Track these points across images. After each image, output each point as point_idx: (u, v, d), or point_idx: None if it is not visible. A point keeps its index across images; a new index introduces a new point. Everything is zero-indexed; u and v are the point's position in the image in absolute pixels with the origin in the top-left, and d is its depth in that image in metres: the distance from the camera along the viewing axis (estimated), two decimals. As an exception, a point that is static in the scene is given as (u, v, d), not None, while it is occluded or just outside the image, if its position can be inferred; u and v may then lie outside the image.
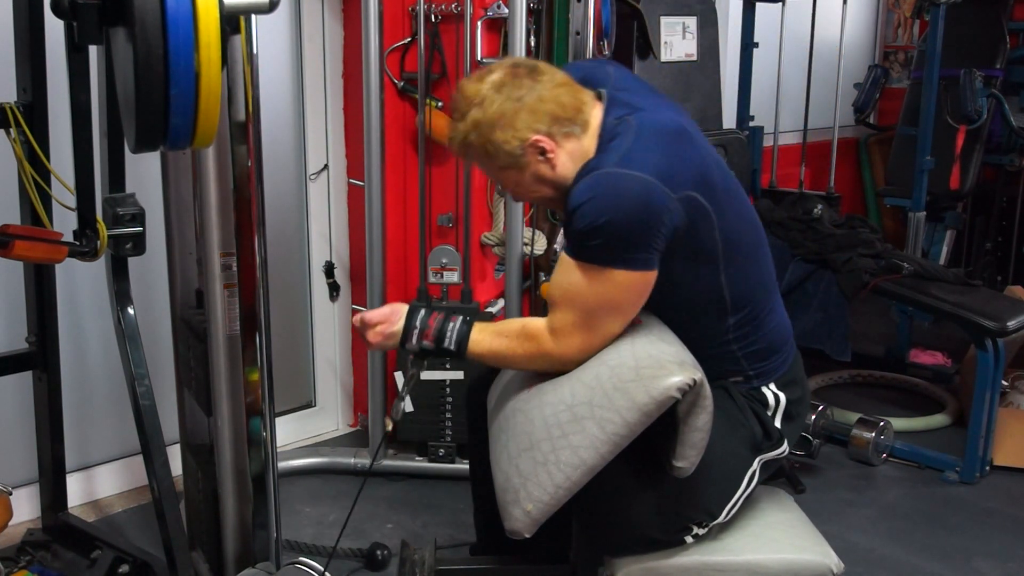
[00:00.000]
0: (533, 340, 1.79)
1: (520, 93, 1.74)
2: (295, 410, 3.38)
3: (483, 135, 1.75)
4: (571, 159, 1.78)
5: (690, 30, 3.38)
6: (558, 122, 1.76)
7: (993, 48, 4.30)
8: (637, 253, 1.69)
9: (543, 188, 1.82)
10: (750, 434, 1.86)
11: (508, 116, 1.74)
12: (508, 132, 1.74)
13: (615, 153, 1.71)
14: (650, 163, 1.68)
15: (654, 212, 1.66)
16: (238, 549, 2.10)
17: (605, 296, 1.72)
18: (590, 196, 1.67)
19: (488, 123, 1.74)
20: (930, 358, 3.89)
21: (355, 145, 3.16)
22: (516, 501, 1.72)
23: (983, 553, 2.70)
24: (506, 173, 1.81)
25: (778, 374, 1.91)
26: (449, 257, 2.94)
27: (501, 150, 1.76)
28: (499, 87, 1.75)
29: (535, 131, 1.75)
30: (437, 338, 1.85)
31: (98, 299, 2.72)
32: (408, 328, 1.87)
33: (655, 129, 1.76)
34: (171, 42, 1.40)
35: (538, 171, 1.79)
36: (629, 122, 1.76)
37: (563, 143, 1.77)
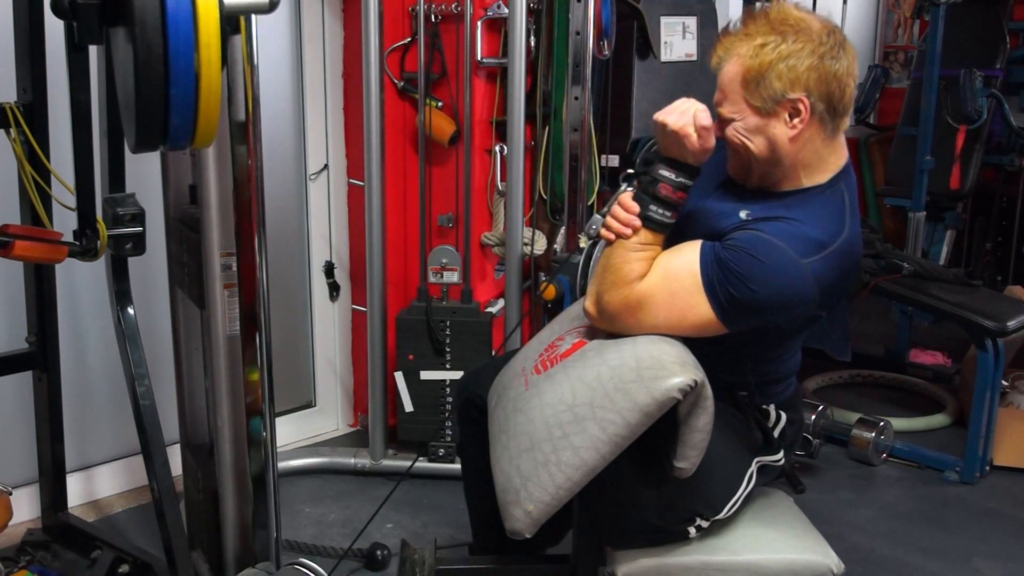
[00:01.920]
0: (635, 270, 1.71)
1: (826, 53, 1.64)
2: (295, 410, 3.38)
3: (764, 60, 1.64)
4: (805, 146, 1.70)
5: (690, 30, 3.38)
6: (828, 104, 1.68)
7: (993, 48, 4.30)
8: (740, 320, 1.68)
9: (759, 142, 1.70)
10: (750, 436, 1.86)
11: (801, 64, 1.64)
12: (788, 75, 1.64)
13: (817, 250, 1.65)
14: (827, 280, 1.65)
15: (790, 313, 1.68)
16: (238, 549, 2.11)
17: (682, 315, 1.69)
18: (765, 260, 1.62)
19: (780, 54, 1.64)
20: (930, 358, 3.89)
21: (355, 145, 3.16)
22: (517, 501, 1.71)
23: (983, 553, 2.70)
24: (747, 107, 1.68)
25: (781, 398, 1.92)
26: (449, 257, 2.94)
27: (767, 84, 1.65)
28: (814, 33, 1.65)
29: (808, 93, 1.65)
30: (656, 196, 1.71)
31: (98, 299, 2.72)
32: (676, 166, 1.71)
33: (854, 251, 1.73)
34: (171, 42, 1.40)
35: (774, 128, 1.68)
36: (844, 221, 1.72)
37: (813, 124, 1.69)
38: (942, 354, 3.88)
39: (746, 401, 1.87)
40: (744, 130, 1.71)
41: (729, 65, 1.70)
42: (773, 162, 1.73)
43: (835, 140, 1.75)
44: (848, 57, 1.68)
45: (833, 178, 1.76)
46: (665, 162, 1.72)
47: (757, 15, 1.69)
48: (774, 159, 1.72)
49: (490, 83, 2.94)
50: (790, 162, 1.72)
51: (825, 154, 1.75)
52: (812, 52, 1.65)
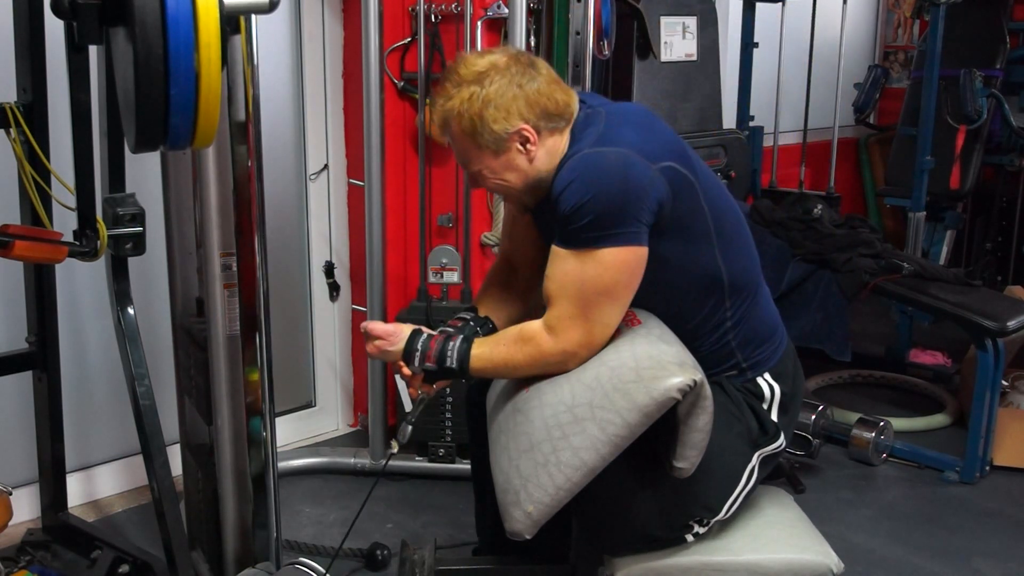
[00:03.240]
0: (531, 342, 1.79)
1: (522, 80, 1.76)
2: (295, 410, 3.38)
3: (475, 110, 1.74)
4: (548, 155, 1.80)
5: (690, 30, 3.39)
6: (548, 117, 1.78)
7: (993, 48, 4.30)
8: (625, 227, 1.69)
9: (511, 177, 1.82)
10: (747, 429, 1.86)
11: (506, 99, 1.74)
12: (500, 114, 1.74)
13: (590, 137, 1.75)
14: (625, 138, 1.73)
15: (637, 183, 1.68)
16: (238, 549, 2.11)
17: (598, 279, 1.72)
18: (572, 177, 1.70)
19: (484, 100, 1.74)
20: (930, 358, 3.88)
21: (355, 145, 3.16)
22: (516, 502, 1.71)
23: (983, 553, 2.70)
24: (481, 154, 1.80)
25: (771, 364, 1.92)
26: (449, 257, 2.94)
27: (488, 129, 1.75)
28: (503, 70, 1.76)
29: (525, 120, 1.76)
30: (439, 359, 1.85)
31: (98, 299, 2.72)
32: (409, 351, 1.87)
33: (625, 112, 1.85)
34: (171, 42, 1.40)
35: (513, 160, 1.79)
36: (599, 111, 1.82)
37: (545, 138, 1.79)
38: (942, 354, 3.88)
39: (736, 383, 1.87)
40: (490, 175, 1.83)
41: (452, 129, 1.80)
42: (533, 183, 1.82)
43: (569, 123, 1.82)
44: (542, 72, 1.79)
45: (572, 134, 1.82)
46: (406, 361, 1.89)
47: (449, 76, 1.80)
48: (532, 180, 1.82)
49: (490, 83, 2.94)
50: (545, 171, 1.81)
51: (564, 138, 1.82)
52: (510, 83, 1.75)
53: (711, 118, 3.52)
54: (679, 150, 1.80)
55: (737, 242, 1.88)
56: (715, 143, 3.53)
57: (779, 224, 3.50)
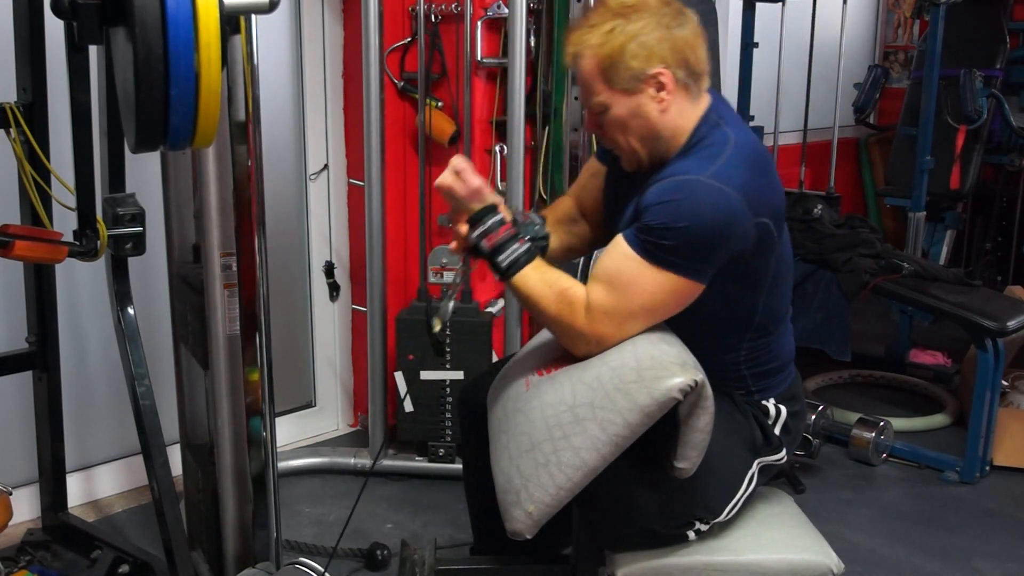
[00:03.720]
0: (569, 306, 1.73)
1: (671, 23, 1.69)
2: (295, 410, 3.38)
3: (615, 44, 1.67)
4: (678, 114, 1.73)
5: (690, 30, 3.38)
6: (688, 69, 1.71)
7: (993, 48, 4.30)
8: (699, 264, 1.68)
9: (635, 124, 1.73)
10: (750, 436, 1.86)
11: (652, 39, 1.67)
12: (643, 52, 1.67)
13: (709, 162, 1.68)
14: (740, 181, 1.66)
15: (730, 231, 1.66)
16: (238, 549, 2.11)
17: (649, 297, 1.70)
18: (674, 197, 1.64)
19: (628, 34, 1.67)
20: (930, 358, 3.89)
21: (355, 145, 3.16)
22: (517, 502, 1.71)
23: (983, 553, 2.70)
24: (614, 94, 1.71)
25: (779, 391, 1.92)
26: (449, 257, 2.93)
27: (625, 65, 1.68)
28: (653, 9, 1.69)
29: (666, 65, 1.69)
30: (495, 248, 1.77)
31: (98, 299, 2.72)
32: (477, 220, 1.78)
33: (750, 150, 1.75)
34: (171, 42, 1.40)
35: (644, 106, 1.71)
36: (727, 134, 1.74)
37: (679, 93, 1.72)
38: (942, 354, 3.88)
39: (744, 399, 1.87)
40: (619, 116, 1.74)
41: (584, 60, 1.73)
42: (653, 138, 1.76)
43: (699, 96, 1.78)
44: (691, 21, 1.74)
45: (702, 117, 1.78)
46: (469, 223, 1.79)
47: (596, 5, 1.74)
48: (653, 135, 1.75)
49: (490, 83, 2.94)
50: (668, 132, 1.75)
51: (693, 113, 1.77)
52: (657, 24, 1.69)
53: (711, 118, 3.52)
54: (779, 205, 1.77)
55: (781, 288, 1.87)
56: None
57: (779, 224, 3.49)
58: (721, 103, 1.84)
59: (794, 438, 1.96)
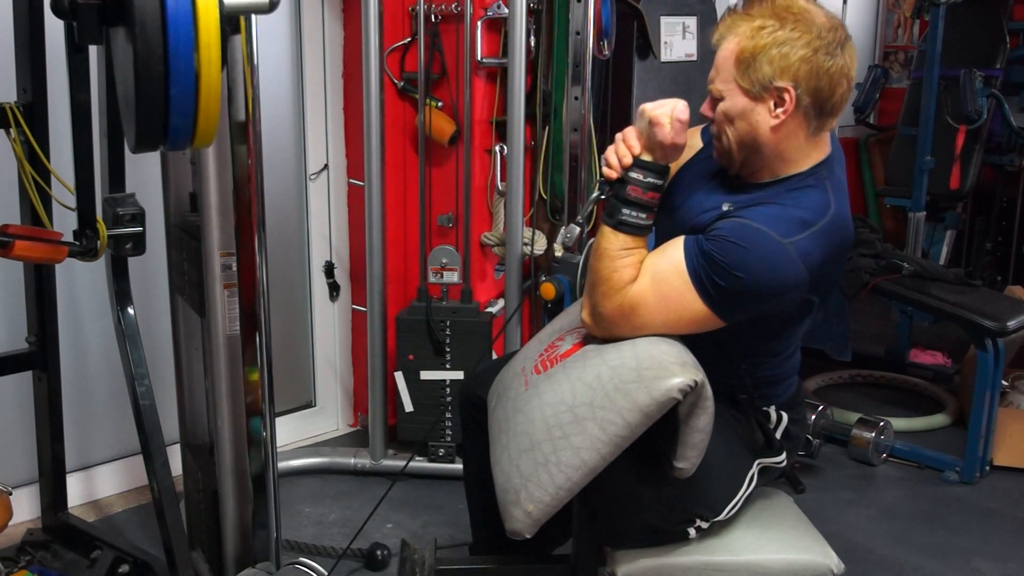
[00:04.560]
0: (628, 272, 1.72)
1: (823, 47, 1.63)
2: (295, 410, 3.38)
3: (761, 43, 1.64)
4: (787, 138, 1.70)
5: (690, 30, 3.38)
6: (815, 99, 1.66)
7: (993, 48, 4.30)
8: (734, 310, 1.68)
9: (741, 126, 1.70)
10: (751, 437, 1.87)
11: (795, 54, 1.63)
12: (780, 62, 1.63)
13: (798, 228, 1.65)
14: (814, 259, 1.65)
15: (783, 297, 1.67)
16: (238, 549, 2.10)
17: (678, 315, 1.70)
18: (747, 245, 1.62)
19: (776, 40, 1.63)
20: (930, 358, 3.89)
21: (355, 145, 3.16)
22: (517, 502, 1.71)
23: (983, 553, 2.70)
24: (736, 87, 1.68)
25: (781, 399, 1.93)
26: (449, 257, 2.93)
27: (758, 68, 1.64)
28: (814, 27, 1.64)
29: (796, 84, 1.64)
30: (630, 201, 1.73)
31: (98, 299, 2.72)
32: (644, 167, 1.72)
33: (841, 232, 1.73)
34: (171, 42, 1.40)
35: (758, 114, 1.68)
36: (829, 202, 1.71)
37: (797, 117, 1.68)
38: (942, 354, 3.88)
39: (746, 403, 1.88)
40: (730, 111, 1.71)
41: (727, 43, 1.70)
42: (753, 148, 1.72)
43: (818, 138, 1.75)
44: (846, 56, 1.67)
45: (815, 167, 1.75)
46: (635, 165, 1.74)
47: (764, 1, 1.69)
48: (754, 146, 1.72)
49: (490, 83, 2.94)
50: (770, 151, 1.72)
51: (807, 149, 1.74)
52: (808, 44, 1.64)
53: (711, 118, 3.52)
54: (832, 285, 1.78)
55: (795, 337, 1.89)
56: (715, 143, 3.52)
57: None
58: (837, 162, 1.81)
59: (795, 444, 1.97)
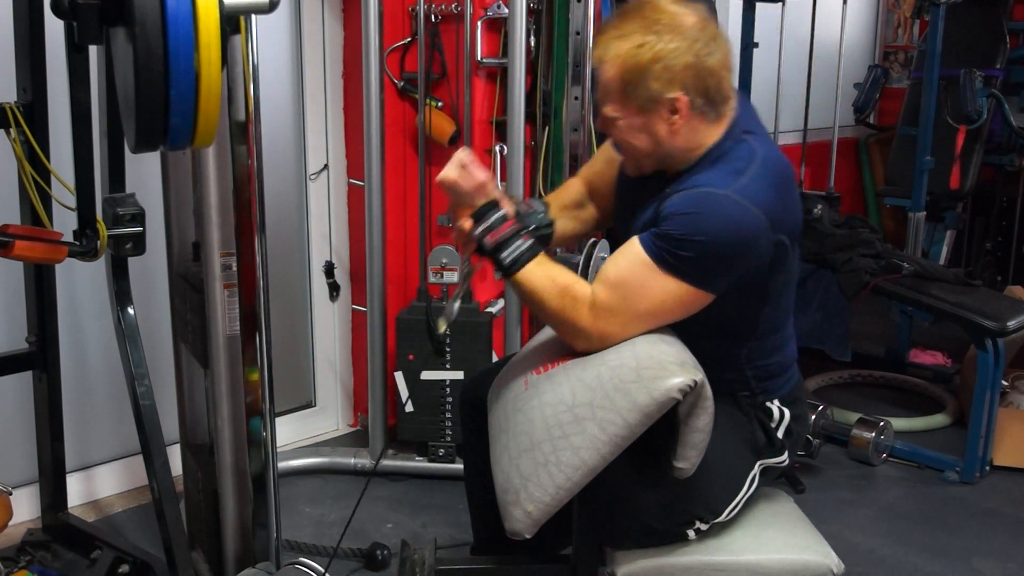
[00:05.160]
0: (573, 302, 1.73)
1: (702, 49, 1.66)
2: (295, 410, 3.38)
3: (642, 60, 1.65)
4: (688, 135, 1.73)
5: (690, 30, 3.38)
6: (708, 98, 1.70)
7: (993, 48, 4.30)
8: (711, 277, 1.68)
9: (645, 141, 1.74)
10: (752, 437, 1.87)
11: (677, 62, 1.65)
12: (664, 75, 1.66)
13: (734, 177, 1.67)
14: (764, 198, 1.66)
15: (749, 250, 1.66)
16: (238, 549, 2.11)
17: (660, 302, 1.70)
18: (696, 210, 1.64)
19: (655, 54, 1.65)
20: (930, 358, 3.89)
21: (355, 145, 3.16)
22: (517, 502, 1.71)
23: (983, 553, 2.70)
24: (627, 105, 1.71)
25: (782, 392, 1.92)
26: (449, 257, 2.93)
27: (644, 85, 1.67)
28: (687, 30, 1.66)
29: (685, 91, 1.68)
30: (499, 244, 1.76)
31: (98, 299, 2.72)
32: (481, 215, 1.77)
33: (775, 166, 1.74)
34: (171, 42, 1.40)
35: (655, 125, 1.71)
36: (753, 149, 1.74)
37: (694, 119, 1.71)
38: (942, 354, 3.88)
39: (748, 401, 1.88)
40: (624, 129, 1.75)
41: (608, 66, 1.71)
42: (659, 154, 1.76)
43: (720, 119, 1.76)
44: (722, 49, 1.71)
45: (725, 134, 1.76)
46: (474, 220, 1.78)
47: (631, 12, 1.70)
48: (660, 152, 1.76)
49: (490, 83, 2.94)
50: (677, 150, 1.75)
51: (712, 129, 1.76)
52: (687, 50, 1.66)
53: (711, 118, 3.52)
54: (797, 225, 1.78)
55: (785, 299, 1.87)
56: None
57: (779, 224, 3.49)
58: (748, 115, 1.82)
59: (796, 441, 1.96)
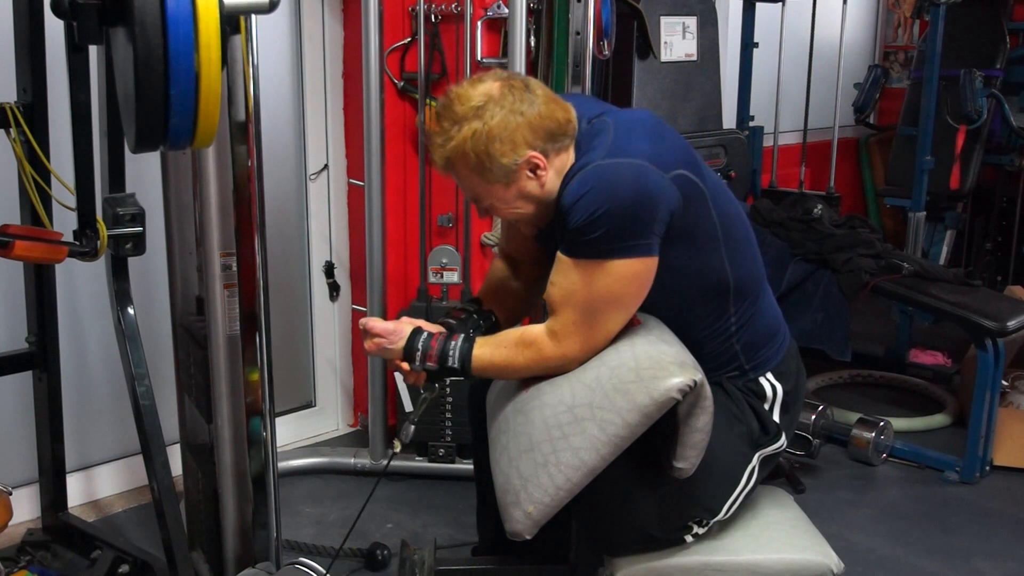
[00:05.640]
0: (532, 347, 1.78)
1: (522, 107, 1.70)
2: (295, 410, 3.38)
3: (480, 148, 1.69)
4: (557, 174, 1.76)
5: (690, 30, 3.39)
6: (552, 138, 1.73)
7: (993, 48, 4.30)
8: (638, 240, 1.68)
9: (525, 205, 1.78)
10: (748, 430, 1.86)
11: (510, 130, 1.69)
12: (507, 146, 1.69)
13: (600, 148, 1.70)
14: (637, 148, 1.69)
15: (651, 195, 1.66)
16: (238, 549, 2.11)
17: (607, 290, 1.71)
18: (585, 190, 1.66)
19: (488, 135, 1.68)
20: (930, 358, 3.88)
21: (355, 145, 3.16)
22: (516, 503, 1.72)
23: (983, 553, 2.70)
24: (491, 188, 1.75)
25: (773, 363, 1.91)
26: (449, 257, 2.94)
27: (496, 164, 1.70)
28: (500, 99, 1.70)
29: (532, 147, 1.71)
30: (440, 359, 1.83)
31: (98, 299, 2.72)
32: (410, 350, 1.85)
33: (633, 120, 1.80)
34: (171, 42, 1.40)
35: (525, 187, 1.75)
36: (605, 120, 1.78)
37: (553, 160, 1.75)
38: (942, 354, 3.88)
39: (739, 383, 1.87)
40: (504, 205, 1.79)
41: (456, 166, 1.75)
42: (547, 205, 1.79)
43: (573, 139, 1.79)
44: (538, 93, 1.73)
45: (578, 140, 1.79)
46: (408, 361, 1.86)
47: (445, 113, 1.73)
48: (545, 203, 1.78)
49: (490, 83, 2.94)
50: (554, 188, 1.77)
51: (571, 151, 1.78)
52: (511, 113, 1.69)
53: (711, 118, 3.52)
54: (689, 158, 1.78)
55: (743, 246, 1.87)
56: (715, 143, 3.53)
57: (779, 224, 3.50)
58: (588, 105, 1.86)
59: (793, 417, 1.96)
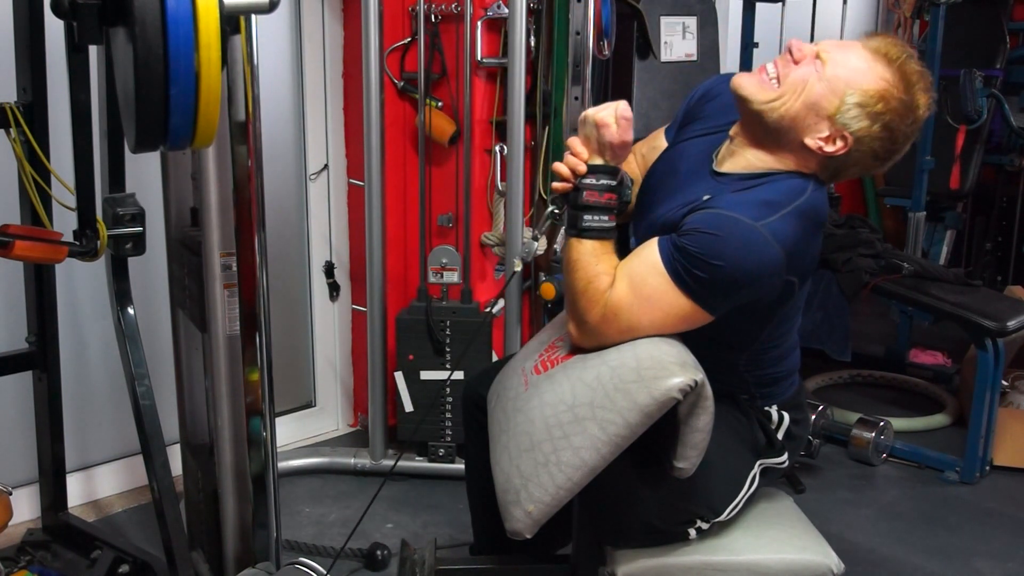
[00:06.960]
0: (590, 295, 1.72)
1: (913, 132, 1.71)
2: (295, 410, 3.38)
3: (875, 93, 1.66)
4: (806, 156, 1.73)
5: (690, 30, 3.38)
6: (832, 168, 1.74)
7: (993, 48, 4.30)
8: (718, 300, 1.68)
9: (800, 99, 1.69)
10: (752, 437, 1.87)
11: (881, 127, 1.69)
12: (852, 98, 1.67)
13: (769, 210, 1.66)
14: (787, 239, 1.65)
15: (761, 281, 1.66)
16: (238, 549, 2.10)
17: (664, 314, 1.70)
18: (718, 232, 1.63)
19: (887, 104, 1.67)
20: (930, 358, 3.89)
21: (355, 145, 3.16)
22: (517, 502, 1.71)
23: (983, 553, 2.70)
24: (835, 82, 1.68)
25: (783, 398, 1.92)
26: (449, 257, 2.94)
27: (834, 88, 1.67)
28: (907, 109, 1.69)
29: (859, 143, 1.70)
30: (588, 206, 1.74)
31: (98, 299, 2.72)
32: (596, 171, 1.74)
33: (814, 212, 1.73)
34: (171, 42, 1.40)
35: (818, 120, 1.69)
36: (805, 188, 1.74)
37: (826, 159, 1.73)
38: (942, 354, 3.88)
39: (747, 403, 1.87)
40: (809, 83, 1.70)
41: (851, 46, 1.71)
42: (780, 117, 1.71)
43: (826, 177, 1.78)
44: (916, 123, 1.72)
45: (803, 173, 1.76)
46: (588, 171, 1.76)
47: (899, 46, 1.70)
48: (778, 128, 1.72)
49: (490, 83, 2.94)
50: (782, 145, 1.73)
51: (800, 158, 1.75)
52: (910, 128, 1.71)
53: (711, 118, 3.52)
54: (814, 267, 1.78)
55: (788, 323, 1.88)
56: (715, 143, 3.52)
57: (779, 224, 3.49)
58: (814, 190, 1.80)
59: (797, 444, 1.96)
